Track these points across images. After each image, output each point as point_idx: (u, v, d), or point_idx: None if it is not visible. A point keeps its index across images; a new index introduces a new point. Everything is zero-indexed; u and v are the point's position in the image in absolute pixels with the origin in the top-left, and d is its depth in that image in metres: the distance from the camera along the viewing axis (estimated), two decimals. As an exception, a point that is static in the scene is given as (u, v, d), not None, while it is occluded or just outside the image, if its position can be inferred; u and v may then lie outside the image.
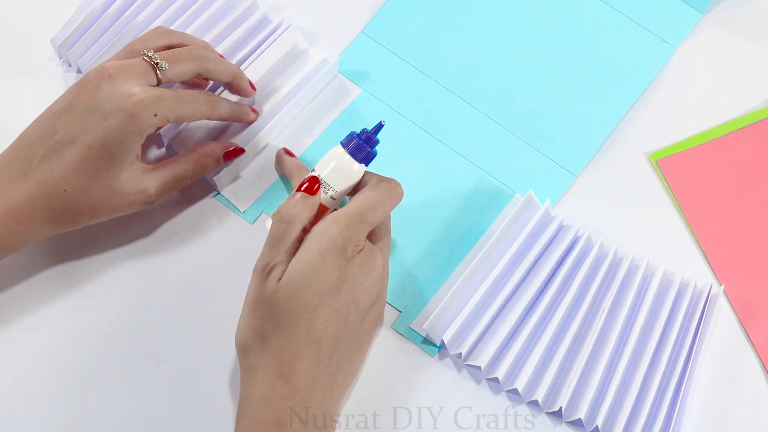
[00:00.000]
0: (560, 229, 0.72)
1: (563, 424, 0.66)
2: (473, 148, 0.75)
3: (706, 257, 0.72)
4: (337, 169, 0.64)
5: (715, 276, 0.72)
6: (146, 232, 0.72)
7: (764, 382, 0.68)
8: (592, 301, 0.69)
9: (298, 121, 0.76)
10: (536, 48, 0.79)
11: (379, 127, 0.65)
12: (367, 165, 0.65)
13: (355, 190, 0.66)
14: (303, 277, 0.60)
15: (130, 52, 0.68)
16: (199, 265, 0.71)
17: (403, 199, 0.65)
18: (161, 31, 0.70)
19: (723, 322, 0.70)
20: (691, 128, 0.76)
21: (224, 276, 0.70)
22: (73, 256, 0.70)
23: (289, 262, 0.61)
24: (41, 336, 0.68)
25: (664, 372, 0.67)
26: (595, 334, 0.67)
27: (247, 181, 0.74)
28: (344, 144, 0.65)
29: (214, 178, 0.72)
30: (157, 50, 0.68)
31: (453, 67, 0.78)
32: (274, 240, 0.62)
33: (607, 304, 0.69)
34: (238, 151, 0.71)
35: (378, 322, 0.66)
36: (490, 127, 0.76)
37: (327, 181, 0.64)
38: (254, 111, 0.73)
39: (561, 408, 0.65)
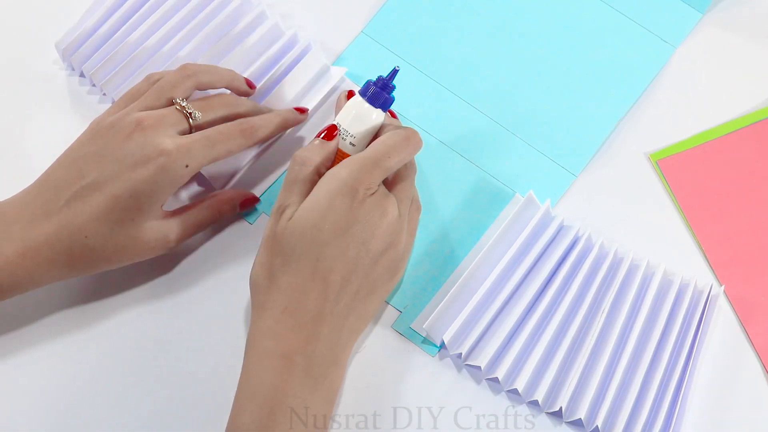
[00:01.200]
0: (560, 229, 0.72)
1: (563, 424, 0.66)
2: (473, 148, 0.75)
3: (706, 257, 0.72)
4: (357, 117, 0.65)
5: (715, 276, 0.72)
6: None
7: (764, 382, 0.68)
8: (592, 301, 0.69)
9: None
10: (536, 48, 0.79)
11: (394, 72, 0.66)
12: (385, 110, 0.66)
13: (376, 138, 0.66)
14: (312, 215, 0.61)
15: (159, 96, 0.66)
16: (199, 266, 0.71)
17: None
18: (189, 72, 0.68)
19: (723, 322, 0.70)
20: (691, 128, 0.76)
21: (224, 276, 0.70)
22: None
23: (301, 203, 0.62)
24: (41, 340, 0.68)
25: (664, 372, 0.67)
26: (595, 334, 0.67)
27: (247, 183, 0.73)
28: (362, 92, 0.66)
29: (208, 176, 0.72)
30: (187, 96, 0.67)
31: (453, 67, 0.78)
32: (287, 182, 0.63)
33: (607, 304, 0.69)
34: (254, 200, 0.72)
35: (393, 271, 0.65)
36: (490, 127, 0.76)
37: (347, 129, 0.65)
38: (301, 111, 0.73)
39: (561, 408, 0.65)
